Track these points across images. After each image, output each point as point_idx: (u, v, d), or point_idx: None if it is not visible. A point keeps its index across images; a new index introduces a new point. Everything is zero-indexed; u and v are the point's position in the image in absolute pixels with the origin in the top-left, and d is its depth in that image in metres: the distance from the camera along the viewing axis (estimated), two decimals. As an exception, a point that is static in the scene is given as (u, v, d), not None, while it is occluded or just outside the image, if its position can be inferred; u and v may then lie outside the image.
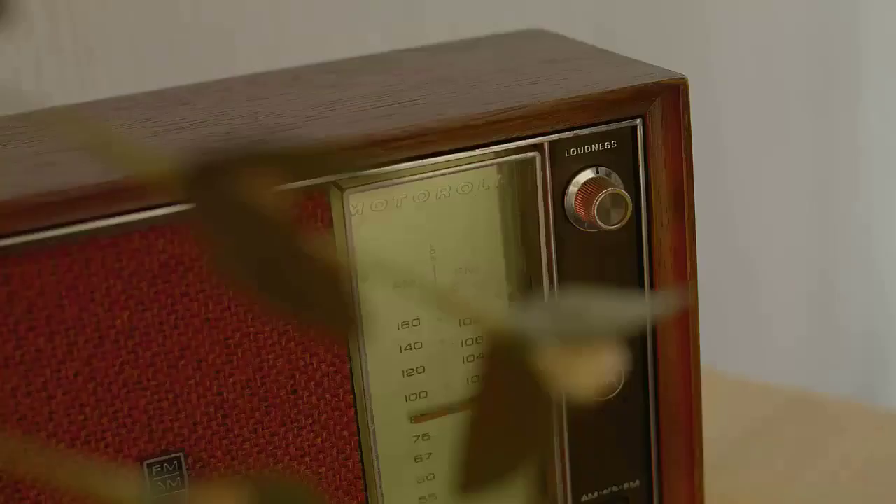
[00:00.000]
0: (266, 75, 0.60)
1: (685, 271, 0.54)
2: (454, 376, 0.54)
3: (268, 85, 0.58)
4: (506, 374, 0.29)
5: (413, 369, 0.53)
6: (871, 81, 1.11)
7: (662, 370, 0.55)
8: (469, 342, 0.54)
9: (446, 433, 0.54)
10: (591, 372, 0.28)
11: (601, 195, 0.51)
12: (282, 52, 0.79)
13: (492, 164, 0.51)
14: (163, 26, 0.77)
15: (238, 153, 0.28)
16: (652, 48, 0.93)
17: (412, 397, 0.53)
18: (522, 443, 0.29)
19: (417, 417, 0.53)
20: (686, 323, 0.55)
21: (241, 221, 0.27)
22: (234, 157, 0.27)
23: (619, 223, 0.52)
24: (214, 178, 0.27)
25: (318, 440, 0.51)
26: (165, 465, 0.49)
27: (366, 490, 0.52)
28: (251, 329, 0.49)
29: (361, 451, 0.52)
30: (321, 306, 0.27)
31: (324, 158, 0.31)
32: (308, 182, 0.47)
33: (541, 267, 0.52)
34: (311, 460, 0.51)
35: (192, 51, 0.78)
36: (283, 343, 0.49)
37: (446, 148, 0.50)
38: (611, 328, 0.28)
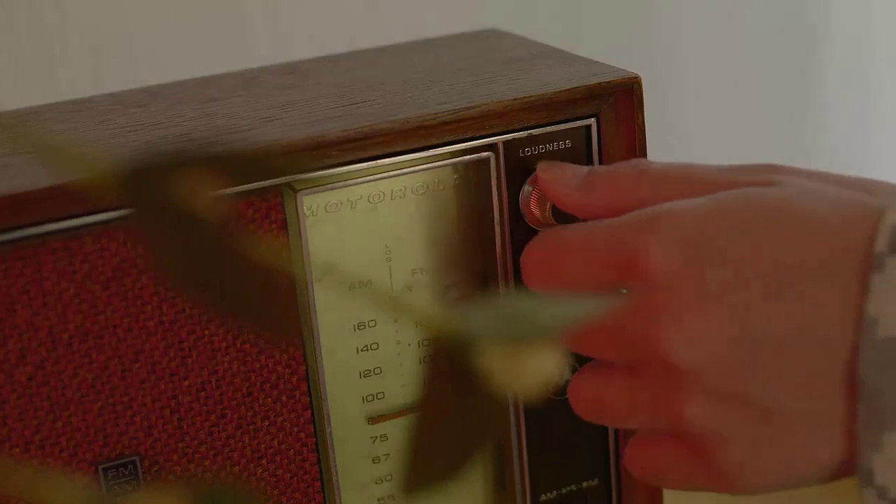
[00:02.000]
0: (222, 77, 0.60)
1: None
2: (411, 377, 0.54)
3: (224, 86, 0.58)
4: (450, 375, 0.29)
5: (370, 370, 0.53)
6: (835, 76, 1.12)
7: (620, 369, 0.55)
8: (426, 343, 0.53)
9: (404, 434, 0.54)
10: (535, 372, 0.28)
11: (556, 195, 0.51)
12: (239, 53, 0.79)
13: (446, 165, 0.51)
14: (121, 27, 0.77)
15: (181, 156, 0.27)
16: (612, 44, 0.94)
17: (369, 398, 0.53)
18: (468, 443, 0.29)
19: (375, 418, 0.53)
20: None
21: (181, 225, 0.27)
22: (175, 160, 0.27)
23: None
24: (154, 181, 0.27)
25: (275, 442, 0.51)
26: (121, 468, 0.49)
27: (323, 492, 0.52)
28: (205, 332, 0.49)
29: (319, 453, 0.51)
30: (263, 311, 0.27)
31: (274, 160, 0.31)
32: (261, 183, 0.47)
33: (497, 267, 0.52)
34: (267, 462, 0.51)
35: (151, 51, 0.78)
36: (238, 345, 0.49)
37: (401, 148, 0.50)
38: (555, 328, 0.28)
